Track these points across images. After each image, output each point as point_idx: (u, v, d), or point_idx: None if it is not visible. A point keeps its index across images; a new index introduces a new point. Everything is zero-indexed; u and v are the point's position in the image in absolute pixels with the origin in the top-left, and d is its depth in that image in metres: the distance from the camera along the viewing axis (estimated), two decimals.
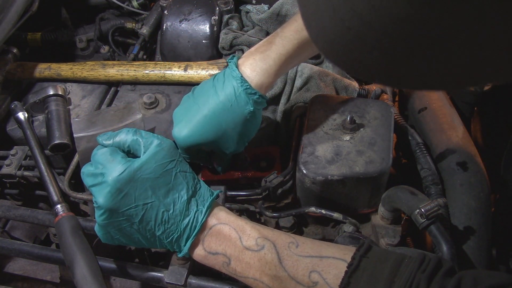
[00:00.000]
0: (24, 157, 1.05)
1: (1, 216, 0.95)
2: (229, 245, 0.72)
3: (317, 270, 0.66)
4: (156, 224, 0.71)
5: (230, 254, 0.71)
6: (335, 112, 0.94)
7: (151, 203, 0.70)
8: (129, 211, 0.70)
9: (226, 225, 0.73)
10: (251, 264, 0.70)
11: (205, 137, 0.85)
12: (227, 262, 0.72)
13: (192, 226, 0.72)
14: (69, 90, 1.12)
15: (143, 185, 0.70)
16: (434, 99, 1.11)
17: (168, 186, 0.71)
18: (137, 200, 0.70)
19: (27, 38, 1.27)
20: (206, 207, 0.73)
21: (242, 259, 0.70)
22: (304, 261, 0.67)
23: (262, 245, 0.70)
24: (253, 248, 0.70)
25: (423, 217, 0.77)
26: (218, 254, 0.72)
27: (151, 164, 0.71)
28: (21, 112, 1.04)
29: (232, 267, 0.72)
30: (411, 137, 1.01)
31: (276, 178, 0.93)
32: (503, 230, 1.05)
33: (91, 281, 0.77)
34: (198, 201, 0.74)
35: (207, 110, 0.84)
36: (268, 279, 0.69)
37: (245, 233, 0.72)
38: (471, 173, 0.93)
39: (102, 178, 0.70)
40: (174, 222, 0.72)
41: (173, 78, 1.08)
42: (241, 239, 0.71)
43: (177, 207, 0.72)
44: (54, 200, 0.91)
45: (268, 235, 0.71)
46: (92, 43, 1.25)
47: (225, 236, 0.72)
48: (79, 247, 0.81)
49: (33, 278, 0.96)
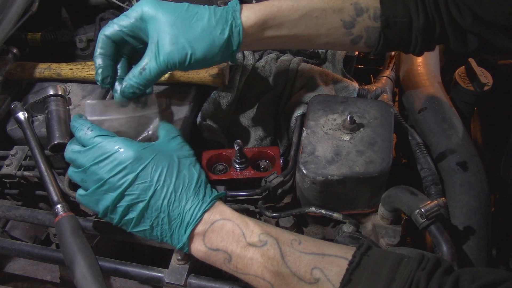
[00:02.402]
0: (24, 157, 1.05)
1: (1, 216, 0.95)
2: (232, 241, 0.71)
3: (319, 267, 0.66)
4: (163, 204, 0.72)
5: (232, 251, 0.71)
6: (335, 112, 0.94)
7: (162, 184, 0.73)
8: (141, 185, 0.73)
9: (229, 221, 0.73)
10: (254, 260, 0.70)
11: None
12: (228, 259, 0.72)
13: (194, 212, 0.73)
14: (69, 90, 1.12)
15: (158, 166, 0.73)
16: (434, 99, 1.11)
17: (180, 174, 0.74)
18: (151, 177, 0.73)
19: (27, 38, 1.26)
20: (211, 198, 0.75)
21: (244, 256, 0.70)
22: (306, 258, 0.67)
23: (265, 241, 0.70)
24: (256, 244, 0.70)
25: (423, 217, 0.77)
26: (219, 251, 0.72)
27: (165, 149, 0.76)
28: (21, 112, 1.04)
29: (233, 264, 0.72)
30: (411, 137, 1.01)
31: (276, 178, 0.93)
32: (503, 230, 1.06)
33: (91, 281, 0.77)
34: (205, 192, 0.75)
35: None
36: (270, 276, 0.69)
37: (249, 229, 0.72)
38: (471, 173, 0.93)
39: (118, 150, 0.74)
40: (177, 205, 0.73)
41: (173, 78, 1.08)
42: (244, 235, 0.71)
43: (184, 193, 0.73)
44: (54, 200, 0.91)
45: (271, 231, 0.72)
46: (92, 43, 1.25)
47: (228, 232, 0.72)
48: (79, 247, 0.81)
49: (33, 278, 0.96)
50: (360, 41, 0.90)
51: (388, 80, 1.26)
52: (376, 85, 1.23)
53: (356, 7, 0.87)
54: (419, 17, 0.85)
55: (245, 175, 0.97)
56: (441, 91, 1.15)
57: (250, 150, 1.01)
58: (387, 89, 1.22)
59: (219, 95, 1.09)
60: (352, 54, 1.24)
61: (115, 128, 0.89)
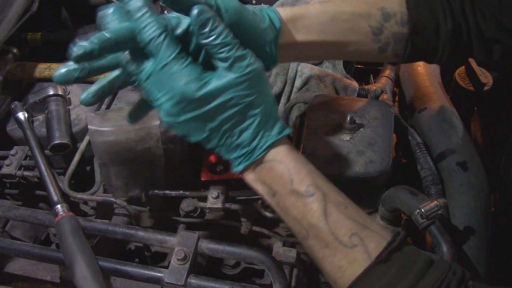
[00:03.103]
0: (24, 157, 1.05)
1: (1, 216, 0.95)
2: (278, 183, 0.70)
3: (359, 236, 0.65)
4: (218, 144, 0.69)
5: (276, 191, 0.70)
6: (335, 112, 0.94)
7: (218, 127, 0.68)
8: (193, 124, 0.67)
9: (282, 163, 0.70)
10: (294, 206, 0.69)
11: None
12: (271, 194, 0.71)
13: (247, 156, 0.70)
14: (69, 90, 1.12)
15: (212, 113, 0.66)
16: (434, 99, 1.11)
17: (251, 105, 0.67)
18: (206, 122, 0.67)
19: (27, 38, 1.27)
20: (274, 134, 0.70)
21: (287, 200, 0.69)
22: (349, 223, 0.66)
23: (312, 192, 0.68)
24: (302, 193, 0.68)
25: (423, 217, 0.77)
26: (265, 185, 0.71)
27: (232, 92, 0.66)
28: (21, 112, 1.04)
29: (275, 201, 0.71)
30: (411, 137, 1.01)
31: None
32: (503, 230, 1.06)
33: (91, 281, 0.77)
34: (272, 125, 0.70)
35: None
36: (307, 225, 0.68)
37: (299, 177, 0.69)
38: (471, 173, 0.93)
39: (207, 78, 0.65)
40: (234, 147, 0.69)
41: None
42: (292, 182, 0.69)
43: (247, 128, 0.69)
44: (54, 200, 0.91)
45: (322, 186, 0.69)
46: None
47: (277, 174, 0.70)
48: (79, 247, 0.81)
49: (33, 278, 0.96)
50: (387, 49, 0.85)
51: (388, 80, 1.26)
52: (376, 85, 1.23)
53: (383, 12, 0.84)
54: (447, 22, 0.83)
55: None
56: (441, 91, 1.15)
57: None
58: (387, 89, 1.22)
59: None
60: None
61: (114, 139, 0.90)
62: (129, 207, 0.97)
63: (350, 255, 0.64)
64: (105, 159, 0.93)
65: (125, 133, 0.90)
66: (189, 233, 0.85)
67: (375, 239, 0.65)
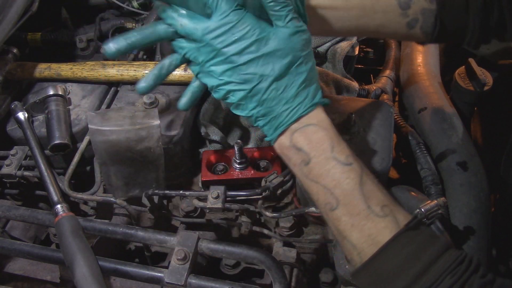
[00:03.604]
0: (24, 157, 1.05)
1: (1, 216, 0.95)
2: (318, 148, 0.70)
3: (390, 208, 0.68)
4: (261, 98, 0.71)
5: (314, 156, 0.70)
6: (335, 112, 0.94)
7: (267, 76, 0.70)
8: (246, 76, 0.70)
9: (325, 130, 0.72)
10: (331, 173, 0.69)
11: None
12: (306, 161, 0.71)
13: (289, 114, 0.71)
14: (69, 90, 1.12)
15: (269, 59, 0.70)
16: (434, 99, 1.11)
17: (288, 71, 0.70)
18: (257, 70, 0.70)
19: (27, 38, 1.27)
20: (311, 103, 0.72)
21: (324, 165, 0.70)
22: (381, 195, 0.69)
23: (350, 162, 0.70)
24: (341, 160, 0.70)
25: (423, 217, 0.77)
26: (301, 151, 0.71)
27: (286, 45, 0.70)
28: (21, 112, 1.04)
29: (308, 168, 0.71)
30: (411, 137, 1.01)
31: (276, 178, 0.93)
32: (503, 230, 1.05)
33: (91, 281, 0.77)
34: (308, 95, 0.72)
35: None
36: (339, 193, 0.69)
37: (340, 146, 0.71)
38: (471, 173, 0.93)
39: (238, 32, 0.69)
40: (277, 103, 0.71)
41: (173, 78, 1.08)
42: (333, 149, 0.70)
43: (286, 91, 0.71)
44: (54, 200, 0.91)
45: (359, 161, 0.71)
46: (92, 43, 1.25)
47: (318, 139, 0.71)
48: (79, 247, 0.81)
49: (33, 278, 0.96)
50: (416, 25, 0.84)
51: (388, 80, 1.26)
52: (376, 85, 1.23)
53: None
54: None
55: (245, 175, 0.97)
56: (441, 91, 1.15)
57: (250, 150, 1.01)
58: (387, 89, 1.22)
59: None
60: (352, 54, 1.24)
61: (114, 138, 0.90)
62: (129, 207, 0.97)
63: (380, 224, 0.66)
64: (105, 158, 0.93)
65: (125, 133, 0.90)
66: (189, 233, 0.85)
67: (403, 213, 0.68)
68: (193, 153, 1.09)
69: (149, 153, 0.93)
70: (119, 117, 0.91)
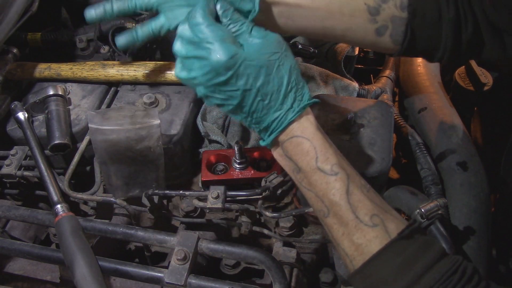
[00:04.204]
0: (24, 157, 1.05)
1: (1, 216, 0.95)
2: (303, 159, 0.71)
3: (380, 217, 0.67)
4: (250, 110, 0.71)
5: (301, 167, 0.72)
6: (335, 112, 0.94)
7: (249, 90, 0.70)
8: (227, 93, 0.70)
9: (308, 140, 0.72)
10: (318, 183, 0.70)
11: None
12: (296, 170, 0.73)
13: (279, 122, 0.71)
14: (69, 90, 1.12)
15: (245, 71, 0.69)
16: (434, 99, 1.11)
17: (268, 77, 0.70)
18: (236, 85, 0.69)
19: (27, 38, 1.26)
20: (299, 107, 0.72)
21: (311, 176, 0.71)
22: (370, 204, 0.68)
23: (336, 171, 0.70)
24: (326, 171, 0.70)
25: (423, 217, 0.77)
26: (291, 161, 0.73)
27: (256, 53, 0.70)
28: (21, 112, 1.04)
29: (300, 177, 0.73)
30: (411, 137, 1.01)
31: (276, 178, 0.93)
32: (503, 230, 1.05)
33: (91, 281, 0.77)
34: (295, 98, 0.72)
35: None
36: (328, 202, 0.69)
37: (324, 155, 0.71)
38: (471, 173, 0.93)
39: (206, 54, 0.69)
40: (266, 113, 0.71)
41: (173, 78, 1.08)
42: (317, 159, 0.70)
43: (273, 98, 0.71)
44: (54, 200, 0.91)
45: (346, 167, 0.71)
46: (92, 43, 1.25)
47: (303, 150, 0.71)
48: (79, 247, 0.81)
49: (33, 278, 0.95)
50: (385, 33, 0.82)
51: (388, 80, 1.26)
52: (376, 85, 1.23)
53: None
54: (449, 9, 0.79)
55: (245, 175, 0.97)
56: (441, 91, 1.15)
57: (250, 150, 1.01)
58: (387, 89, 1.22)
59: None
60: (352, 54, 1.24)
61: (114, 138, 0.90)
62: (129, 207, 0.97)
63: (370, 234, 0.66)
64: (105, 158, 0.93)
65: (126, 132, 0.90)
66: (189, 233, 0.85)
67: (395, 222, 0.67)
68: (193, 153, 1.09)
69: (149, 153, 0.93)
70: (119, 117, 0.91)
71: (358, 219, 0.67)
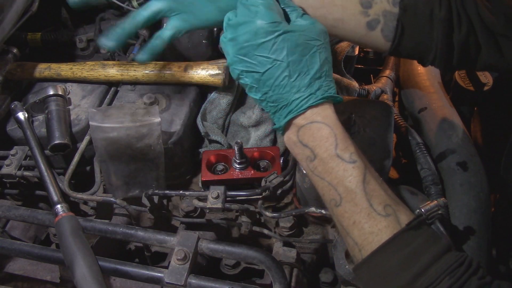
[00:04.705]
0: (24, 157, 1.05)
1: (1, 216, 0.95)
2: (321, 146, 0.71)
3: (393, 208, 0.68)
4: (274, 84, 0.72)
5: (318, 153, 0.71)
6: (335, 112, 0.94)
7: (280, 62, 0.71)
8: (258, 58, 0.71)
9: (329, 127, 0.72)
10: (334, 171, 0.70)
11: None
12: (311, 157, 0.72)
13: (300, 103, 0.72)
14: (69, 90, 1.12)
15: (282, 43, 0.71)
16: (434, 99, 1.11)
17: (302, 57, 0.72)
18: (270, 53, 0.71)
19: (27, 38, 1.26)
20: (322, 96, 0.72)
21: (328, 163, 0.70)
22: (384, 194, 0.69)
23: (354, 159, 0.70)
24: (345, 158, 0.70)
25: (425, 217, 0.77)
26: (307, 148, 0.72)
27: (298, 32, 0.72)
28: (21, 112, 1.04)
29: (313, 164, 0.72)
30: (411, 137, 1.01)
31: (276, 178, 0.93)
32: (503, 230, 1.05)
33: (91, 281, 0.77)
34: (320, 87, 0.73)
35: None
36: (343, 190, 0.69)
37: (343, 143, 0.71)
38: (471, 173, 0.93)
39: (252, 15, 0.72)
40: (288, 90, 0.72)
41: (173, 78, 1.08)
42: (336, 146, 0.71)
43: (299, 78, 0.72)
44: (54, 200, 0.91)
45: (362, 157, 0.71)
46: (92, 43, 1.25)
47: (322, 136, 0.71)
48: (79, 247, 0.81)
49: (33, 278, 0.96)
50: (377, 27, 0.82)
51: (388, 80, 1.26)
52: (376, 85, 1.23)
53: None
54: (441, 8, 0.79)
55: (245, 175, 0.97)
56: (441, 91, 1.15)
57: (250, 150, 1.01)
58: (387, 89, 1.22)
59: (219, 95, 1.09)
60: (352, 54, 1.24)
61: (115, 135, 0.90)
62: (129, 207, 0.97)
63: (382, 223, 0.66)
64: (105, 156, 0.93)
65: (126, 130, 0.90)
66: (189, 233, 0.85)
67: (406, 213, 0.68)
68: (193, 153, 1.09)
69: (149, 151, 0.93)
70: (120, 114, 0.91)
71: (372, 207, 0.67)
